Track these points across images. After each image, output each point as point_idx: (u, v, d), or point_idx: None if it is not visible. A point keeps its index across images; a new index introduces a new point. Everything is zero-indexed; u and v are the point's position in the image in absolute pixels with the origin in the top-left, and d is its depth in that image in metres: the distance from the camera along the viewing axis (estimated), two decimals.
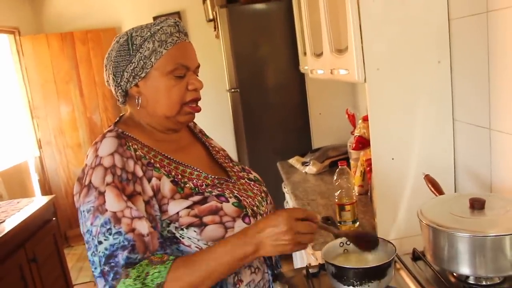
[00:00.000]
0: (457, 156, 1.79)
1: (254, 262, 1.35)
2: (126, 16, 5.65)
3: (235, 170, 1.50)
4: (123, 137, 1.29)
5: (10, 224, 2.80)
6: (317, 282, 1.41)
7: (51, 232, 3.31)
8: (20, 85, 5.21)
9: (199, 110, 1.38)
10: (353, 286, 1.21)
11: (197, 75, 1.38)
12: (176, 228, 1.24)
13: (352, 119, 2.78)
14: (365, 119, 2.39)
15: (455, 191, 1.81)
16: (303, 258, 2.65)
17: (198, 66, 1.38)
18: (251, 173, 1.55)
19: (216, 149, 1.57)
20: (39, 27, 5.57)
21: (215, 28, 4.66)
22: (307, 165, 3.11)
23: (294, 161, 3.32)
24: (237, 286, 1.30)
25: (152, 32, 1.29)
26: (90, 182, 1.20)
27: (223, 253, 1.17)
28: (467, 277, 1.27)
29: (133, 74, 1.30)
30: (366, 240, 1.32)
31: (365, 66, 1.70)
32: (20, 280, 2.77)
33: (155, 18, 5.51)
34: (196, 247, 1.25)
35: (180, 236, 1.25)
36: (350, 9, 1.67)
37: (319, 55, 2.40)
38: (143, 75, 1.30)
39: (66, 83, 5.39)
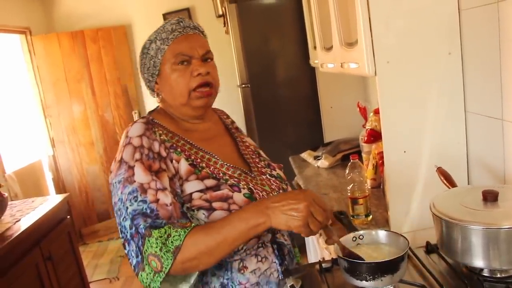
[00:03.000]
0: (470, 148, 1.78)
1: (262, 251, 1.42)
2: (136, 14, 5.66)
3: (259, 166, 1.57)
4: (151, 123, 1.43)
5: (25, 223, 2.83)
6: (330, 276, 1.41)
7: (65, 230, 3.34)
8: (32, 84, 5.25)
9: (209, 93, 1.47)
10: (366, 280, 1.20)
11: (210, 58, 1.49)
12: (188, 208, 1.34)
13: (363, 112, 2.76)
14: (377, 112, 2.37)
15: (468, 183, 1.80)
16: (317, 253, 2.64)
17: (207, 53, 1.48)
18: (275, 170, 1.61)
19: (246, 144, 1.66)
20: (50, 27, 5.61)
21: (224, 24, 4.66)
22: (319, 159, 3.10)
23: (306, 155, 3.32)
24: (242, 271, 1.39)
25: (156, 33, 1.46)
26: (121, 158, 1.34)
27: (238, 221, 1.24)
28: (481, 269, 1.26)
29: (150, 74, 1.48)
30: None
31: (375, 59, 1.69)
32: (36, 278, 2.80)
33: (164, 15, 5.54)
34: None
35: (191, 216, 1.34)
36: (359, 1, 1.66)
37: (329, 48, 2.39)
38: (156, 73, 1.47)
39: (77, 81, 5.42)
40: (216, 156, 1.46)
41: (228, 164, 1.46)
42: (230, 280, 1.38)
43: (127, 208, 1.26)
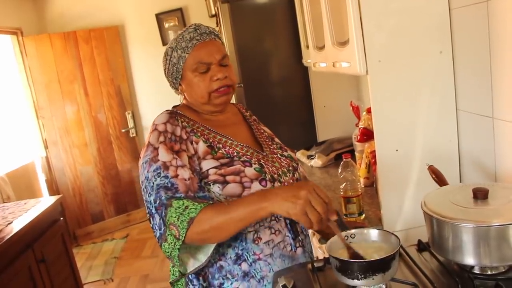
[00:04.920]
0: (462, 146, 1.79)
1: (275, 224, 1.56)
2: (128, 14, 5.65)
3: (271, 147, 1.72)
4: (175, 113, 1.62)
5: (17, 225, 2.82)
6: (322, 276, 1.40)
7: (59, 232, 3.32)
8: (24, 85, 5.23)
9: (226, 91, 1.62)
10: (358, 279, 1.20)
11: (227, 63, 1.63)
12: (205, 183, 1.51)
13: (356, 111, 2.77)
14: (369, 111, 2.38)
15: (460, 181, 1.80)
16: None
17: (223, 57, 1.62)
18: (287, 151, 1.76)
19: (261, 131, 1.81)
20: (41, 27, 5.58)
21: (217, 23, 4.65)
22: (312, 159, 3.11)
23: (299, 154, 3.32)
24: (256, 242, 1.52)
25: (176, 42, 1.62)
26: (148, 142, 1.53)
27: (243, 203, 1.36)
28: (472, 267, 1.26)
29: (174, 77, 1.66)
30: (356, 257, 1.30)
31: (366, 58, 1.70)
32: (29, 280, 2.79)
33: (157, 15, 5.54)
34: (218, 200, 1.49)
35: (208, 190, 1.50)
36: (350, 1, 1.67)
37: (321, 48, 2.39)
38: (179, 77, 1.64)
39: (70, 82, 5.40)
40: (231, 138, 1.62)
41: (242, 144, 1.62)
42: (245, 250, 1.52)
43: (152, 183, 1.44)
